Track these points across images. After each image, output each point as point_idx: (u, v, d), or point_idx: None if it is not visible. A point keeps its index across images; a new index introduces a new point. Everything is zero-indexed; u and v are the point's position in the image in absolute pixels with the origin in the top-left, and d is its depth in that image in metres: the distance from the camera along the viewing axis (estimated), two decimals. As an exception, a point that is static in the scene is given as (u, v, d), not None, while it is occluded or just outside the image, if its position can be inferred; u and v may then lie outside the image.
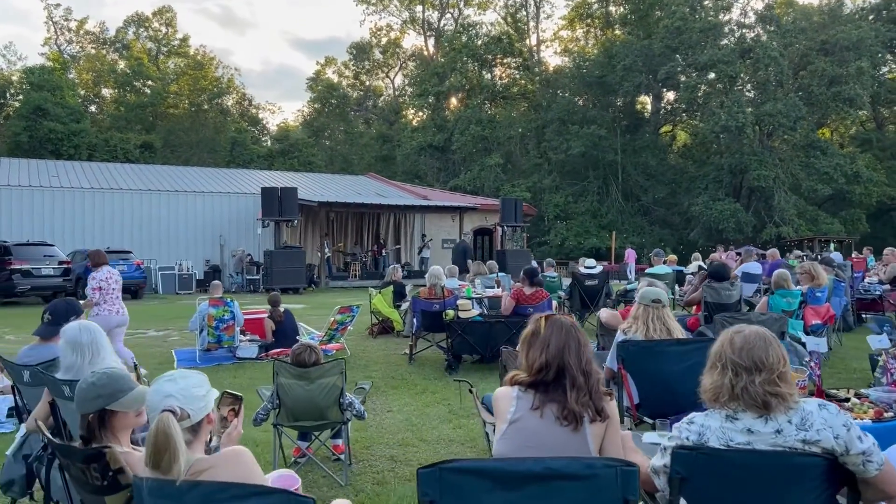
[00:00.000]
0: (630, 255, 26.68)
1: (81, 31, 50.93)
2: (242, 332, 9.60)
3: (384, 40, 58.06)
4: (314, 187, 29.29)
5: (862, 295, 11.17)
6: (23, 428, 4.02)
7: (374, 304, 10.87)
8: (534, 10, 53.42)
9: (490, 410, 4.65)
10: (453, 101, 48.95)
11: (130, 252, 21.66)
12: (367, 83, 59.55)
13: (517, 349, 4.39)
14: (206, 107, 48.46)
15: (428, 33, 55.89)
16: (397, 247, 28.82)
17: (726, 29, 41.25)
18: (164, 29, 50.10)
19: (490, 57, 48.15)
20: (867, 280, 11.88)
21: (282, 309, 9.71)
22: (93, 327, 3.64)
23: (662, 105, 47.58)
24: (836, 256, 11.79)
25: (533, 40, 53.45)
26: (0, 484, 3.85)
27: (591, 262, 10.74)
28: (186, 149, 44.31)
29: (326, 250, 24.68)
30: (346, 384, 4.53)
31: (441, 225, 30.09)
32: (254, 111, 52.08)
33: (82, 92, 45.85)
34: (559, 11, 53.28)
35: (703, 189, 40.30)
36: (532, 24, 53.73)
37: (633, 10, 45.99)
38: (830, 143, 38.39)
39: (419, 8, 55.11)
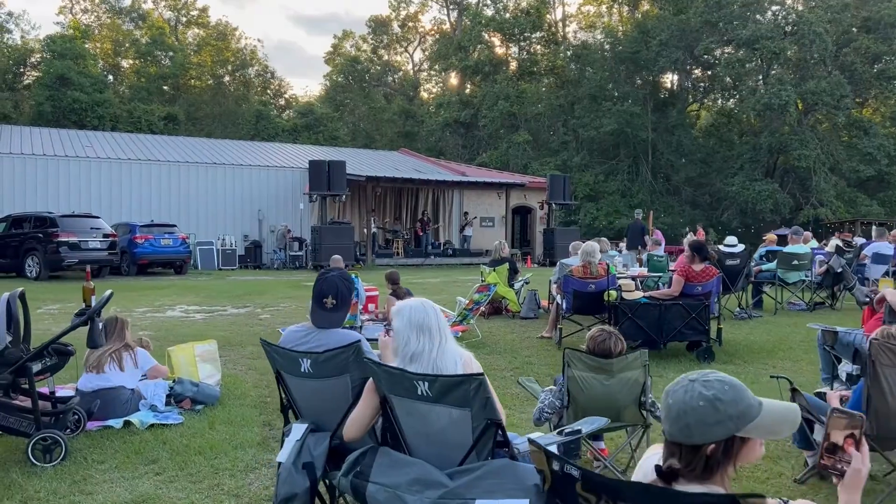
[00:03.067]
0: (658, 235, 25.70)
1: (96, 0, 49.67)
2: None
3: (403, 14, 56.83)
4: (352, 162, 28.43)
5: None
6: (296, 430, 3.29)
7: (488, 282, 10.11)
8: (560, -17, 52.18)
9: (822, 411, 3.92)
10: (478, 76, 47.77)
11: (175, 226, 20.92)
12: (386, 58, 58.36)
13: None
14: (227, 79, 47.33)
15: (451, 6, 54.64)
16: (436, 225, 27.97)
17: (767, 3, 40.12)
18: (183, -2, 48.91)
19: (517, 31, 46.98)
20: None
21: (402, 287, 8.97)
22: (431, 304, 2.90)
23: (696, 82, 46.56)
24: None
25: (558, 14, 52.30)
26: (279, 499, 3.13)
27: (732, 239, 9.97)
28: (209, 121, 43.27)
29: (373, 226, 23.92)
30: (650, 378, 3.79)
31: (479, 202, 29.29)
32: (276, 84, 50.99)
33: (101, 63, 44.70)
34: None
35: (738, 169, 39.45)
36: (558, -2, 52.49)
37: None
38: (874, 123, 37.45)
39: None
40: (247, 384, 6.46)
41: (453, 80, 51.18)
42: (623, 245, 25.07)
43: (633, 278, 8.28)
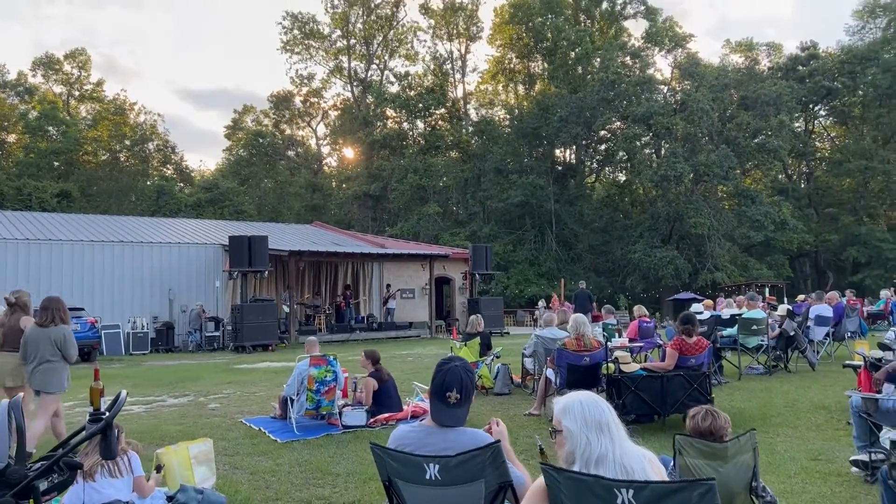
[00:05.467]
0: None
1: (-24, 74, 47.05)
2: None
3: (305, 90, 57.02)
4: (269, 236, 27.63)
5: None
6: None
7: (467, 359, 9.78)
8: (460, 63, 54.11)
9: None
10: (385, 150, 48.26)
11: (83, 309, 19.48)
12: (289, 132, 58.13)
13: None
14: (125, 154, 45.43)
15: (354, 83, 55.35)
16: (356, 301, 27.34)
17: (655, 84, 42.96)
18: (76, 72, 46.99)
19: (422, 106, 48.04)
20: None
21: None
22: (600, 398, 2.62)
23: (594, 156, 48.85)
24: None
25: (459, 92, 53.97)
26: None
27: (698, 307, 10.17)
28: (105, 198, 41.12)
29: (294, 303, 23.13)
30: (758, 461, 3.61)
31: (399, 274, 29.02)
32: (177, 158, 49.40)
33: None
34: (483, 66, 54.19)
35: (637, 237, 41.26)
36: (458, 76, 54.35)
37: (557, 66, 47.14)
38: (760, 192, 40.37)
39: (345, 58, 54.62)
40: (242, 485, 5.82)
41: (359, 154, 51.33)
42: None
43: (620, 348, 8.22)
